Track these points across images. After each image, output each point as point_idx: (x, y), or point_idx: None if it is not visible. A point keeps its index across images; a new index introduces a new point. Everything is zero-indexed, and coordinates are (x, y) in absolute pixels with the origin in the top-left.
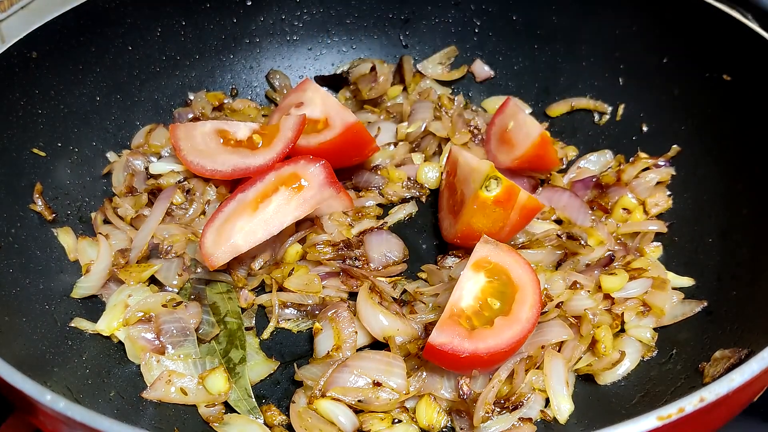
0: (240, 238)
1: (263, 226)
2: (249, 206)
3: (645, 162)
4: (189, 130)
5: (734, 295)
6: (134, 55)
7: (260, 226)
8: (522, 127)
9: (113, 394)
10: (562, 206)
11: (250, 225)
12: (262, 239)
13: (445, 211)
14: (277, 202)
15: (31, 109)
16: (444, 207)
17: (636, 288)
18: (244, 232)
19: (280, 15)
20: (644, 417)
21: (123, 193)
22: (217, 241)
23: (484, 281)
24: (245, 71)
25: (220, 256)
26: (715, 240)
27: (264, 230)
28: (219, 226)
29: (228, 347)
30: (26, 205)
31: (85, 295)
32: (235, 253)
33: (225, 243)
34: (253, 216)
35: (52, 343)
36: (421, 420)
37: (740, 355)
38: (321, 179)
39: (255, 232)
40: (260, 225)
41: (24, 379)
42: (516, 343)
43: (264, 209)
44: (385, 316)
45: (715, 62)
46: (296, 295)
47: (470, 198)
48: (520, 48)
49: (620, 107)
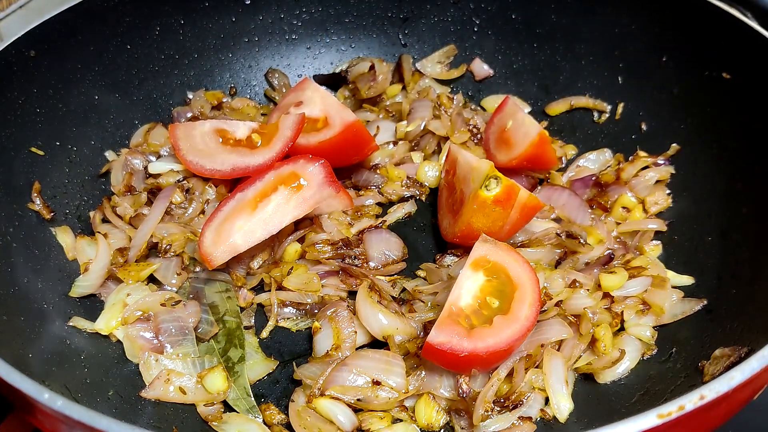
0: (239, 238)
1: (262, 225)
2: (248, 205)
3: (644, 161)
4: (188, 129)
5: (734, 294)
6: (133, 54)
7: (259, 226)
8: (521, 126)
9: (112, 393)
10: (561, 205)
11: (249, 224)
12: (261, 239)
13: (444, 210)
14: (276, 201)
15: (29, 107)
16: (443, 206)
17: (635, 286)
18: (243, 231)
19: (278, 14)
20: (644, 415)
21: (121, 192)
22: (215, 240)
23: (482, 280)
24: (244, 70)
25: (219, 256)
26: (715, 238)
27: (263, 230)
28: (218, 226)
29: (227, 346)
30: (24, 204)
31: (83, 294)
32: (233, 253)
33: (224, 242)
34: (252, 215)
35: (51, 342)
36: (420, 419)
37: (740, 353)
38: (320, 178)
39: (254, 231)
40: (259, 224)
41: (22, 378)
42: (515, 341)
43: (263, 209)
44: (384, 315)
45: (714, 61)
46: (295, 294)
47: (470, 197)
48: (519, 47)
49: (619, 106)
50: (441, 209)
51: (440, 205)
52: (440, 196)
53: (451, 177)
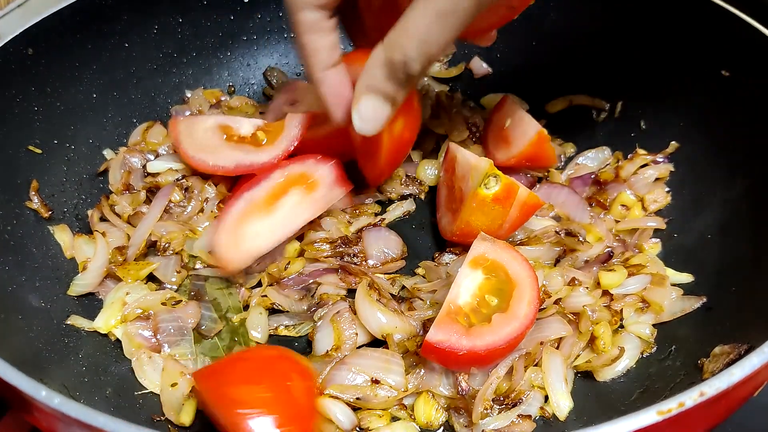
0: (260, 241)
1: (280, 228)
2: (261, 207)
3: (643, 158)
4: (190, 124)
5: (733, 291)
6: (131, 52)
7: (277, 229)
8: (519, 124)
9: (110, 392)
10: (560, 203)
11: (266, 228)
12: (279, 242)
13: (443, 208)
14: (290, 203)
15: (27, 106)
16: (442, 204)
17: (634, 284)
18: (262, 234)
19: (277, 12)
20: (644, 411)
21: (120, 190)
22: (232, 244)
23: (481, 278)
24: (242, 68)
25: (239, 260)
26: (714, 236)
27: (281, 232)
28: (232, 228)
29: (231, 344)
30: (22, 202)
31: (81, 293)
32: (255, 256)
33: (242, 246)
34: (267, 218)
35: (48, 340)
36: (419, 417)
37: (740, 350)
38: (332, 179)
39: (272, 234)
40: (276, 227)
41: (19, 375)
42: (514, 339)
43: (277, 211)
44: (383, 313)
45: (713, 58)
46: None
47: (469, 196)
48: (518, 45)
49: (618, 104)
50: (440, 207)
51: (439, 203)
52: (439, 194)
53: (450, 175)
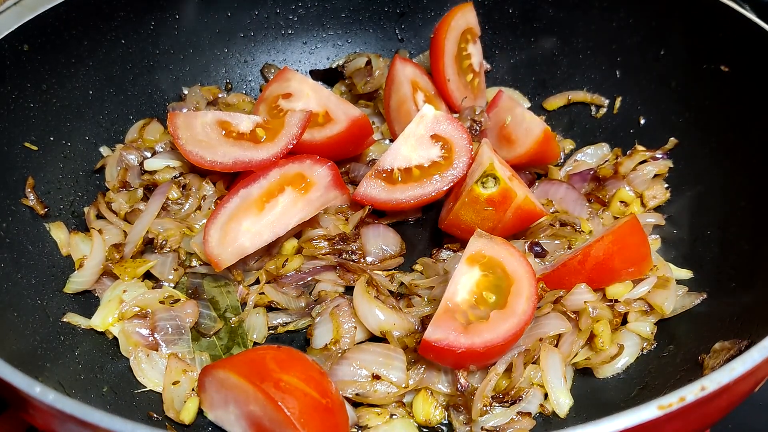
0: (247, 240)
1: (270, 227)
2: (254, 206)
3: (642, 155)
4: (189, 119)
5: (733, 287)
6: (127, 48)
7: (267, 228)
8: (521, 122)
9: (106, 390)
10: (559, 198)
11: (256, 226)
12: (269, 240)
13: (450, 196)
14: (284, 202)
15: (22, 102)
16: (452, 192)
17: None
18: (251, 233)
19: (274, 8)
20: (644, 407)
21: (116, 188)
22: (222, 241)
23: (478, 275)
24: (240, 65)
25: (227, 257)
26: (714, 232)
27: (271, 231)
28: (223, 225)
29: (230, 343)
30: (18, 199)
31: (78, 290)
32: (241, 255)
33: (231, 243)
34: (259, 216)
35: (45, 338)
36: (418, 415)
37: (740, 346)
38: (328, 181)
39: (262, 233)
40: (267, 226)
41: (13, 372)
42: (512, 336)
43: (270, 210)
44: (381, 310)
45: (712, 53)
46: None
47: (465, 189)
48: (516, 41)
49: (617, 100)
50: (449, 195)
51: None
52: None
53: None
